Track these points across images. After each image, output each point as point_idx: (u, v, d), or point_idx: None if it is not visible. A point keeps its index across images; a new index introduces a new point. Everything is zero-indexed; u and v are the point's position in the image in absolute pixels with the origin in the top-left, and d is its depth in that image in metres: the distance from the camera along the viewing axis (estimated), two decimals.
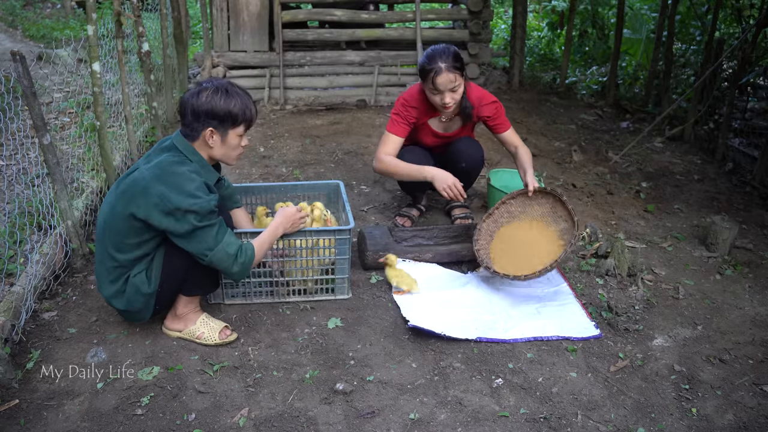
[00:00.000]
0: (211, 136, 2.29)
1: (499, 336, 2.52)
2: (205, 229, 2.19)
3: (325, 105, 5.64)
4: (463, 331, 2.52)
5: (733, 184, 4.18)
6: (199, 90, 2.27)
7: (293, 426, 2.08)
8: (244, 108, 2.30)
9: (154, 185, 2.17)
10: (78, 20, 8.83)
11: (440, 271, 2.99)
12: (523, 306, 2.75)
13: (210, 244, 2.21)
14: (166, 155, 2.28)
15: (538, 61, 7.54)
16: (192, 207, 2.15)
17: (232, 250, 2.25)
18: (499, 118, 3.18)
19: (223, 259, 2.24)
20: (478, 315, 2.65)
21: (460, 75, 2.94)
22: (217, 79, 2.33)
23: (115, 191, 2.31)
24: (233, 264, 2.26)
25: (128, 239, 2.27)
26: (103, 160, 3.48)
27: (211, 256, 2.21)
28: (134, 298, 2.32)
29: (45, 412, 2.11)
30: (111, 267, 2.32)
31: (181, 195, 2.15)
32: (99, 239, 2.37)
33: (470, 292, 2.81)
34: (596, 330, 2.58)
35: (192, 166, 2.27)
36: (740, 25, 5.45)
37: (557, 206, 2.95)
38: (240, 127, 2.33)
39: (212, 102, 2.24)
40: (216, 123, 2.27)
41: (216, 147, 2.33)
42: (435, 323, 2.53)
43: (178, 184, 2.17)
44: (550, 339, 2.52)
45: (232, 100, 2.27)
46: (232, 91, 2.29)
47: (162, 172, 2.20)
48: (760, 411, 2.20)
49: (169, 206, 2.15)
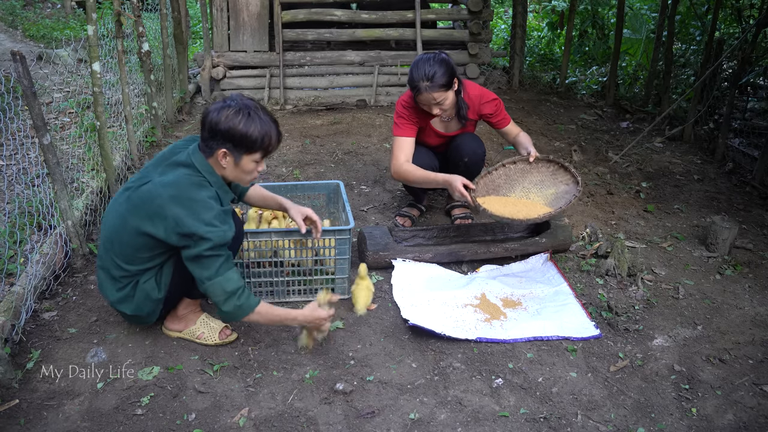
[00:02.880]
0: (224, 157, 2.17)
1: (499, 336, 2.52)
2: (210, 258, 2.12)
3: (325, 105, 5.64)
4: (463, 332, 2.52)
5: (733, 184, 4.18)
6: (222, 107, 2.14)
7: (293, 426, 2.08)
8: (263, 135, 2.16)
9: (171, 207, 2.09)
10: (78, 20, 8.83)
11: (440, 271, 2.99)
12: (523, 306, 2.75)
13: (210, 273, 2.13)
14: (184, 173, 2.17)
15: (538, 61, 7.54)
16: (207, 235, 2.08)
17: (229, 288, 2.14)
18: (500, 114, 3.20)
19: (217, 293, 2.14)
20: (478, 315, 2.66)
21: (445, 90, 2.91)
22: (245, 98, 2.19)
23: (126, 203, 2.21)
24: (226, 302, 2.15)
25: (141, 254, 2.22)
26: (103, 160, 3.48)
27: (207, 285, 2.14)
28: (143, 303, 2.30)
29: (45, 412, 2.11)
30: (119, 276, 2.27)
31: (198, 222, 2.08)
32: (106, 248, 2.28)
33: (470, 292, 2.81)
34: (596, 330, 2.58)
35: (210, 191, 2.16)
36: (740, 25, 5.45)
37: (558, 172, 3.00)
38: (256, 154, 2.19)
39: (231, 122, 2.12)
40: (230, 146, 2.15)
41: (228, 169, 2.21)
42: (435, 323, 2.53)
43: (196, 210, 2.09)
44: (550, 339, 2.52)
45: (252, 125, 2.13)
46: (255, 115, 2.14)
47: (179, 193, 2.11)
48: (760, 411, 2.20)
49: (185, 230, 2.08)
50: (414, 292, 2.78)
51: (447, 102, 2.97)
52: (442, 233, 3.19)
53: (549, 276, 2.96)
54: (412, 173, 3.08)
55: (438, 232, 3.19)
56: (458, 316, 2.63)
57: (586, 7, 7.07)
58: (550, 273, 2.98)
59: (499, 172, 3.04)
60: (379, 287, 2.87)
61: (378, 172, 4.17)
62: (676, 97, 5.33)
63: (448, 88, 2.94)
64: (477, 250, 3.04)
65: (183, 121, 5.11)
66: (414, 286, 2.82)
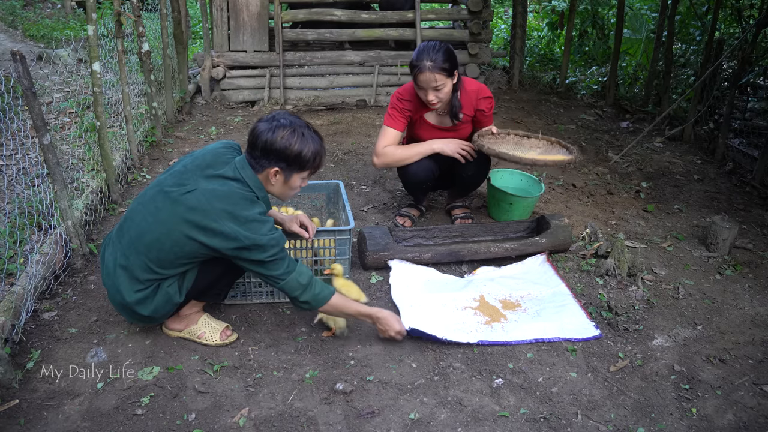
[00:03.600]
0: (275, 175, 2.23)
1: (501, 338, 2.51)
2: (277, 260, 2.18)
3: (325, 105, 5.64)
4: (465, 335, 2.51)
5: (733, 184, 4.19)
6: (276, 126, 2.19)
7: (293, 426, 2.08)
8: (315, 154, 2.24)
9: (228, 223, 2.10)
10: (78, 20, 8.83)
11: (437, 274, 2.98)
12: (523, 308, 2.74)
13: (281, 272, 2.19)
14: (235, 186, 2.17)
15: (538, 61, 7.54)
16: (268, 243, 2.13)
17: (304, 280, 2.23)
18: (490, 112, 3.24)
19: (294, 287, 2.22)
20: (478, 317, 2.65)
21: (446, 76, 2.93)
22: (292, 117, 2.24)
23: (171, 208, 2.16)
24: (303, 293, 2.24)
25: (182, 260, 2.22)
26: (103, 160, 3.48)
27: (283, 283, 2.21)
28: (162, 306, 2.29)
29: (45, 412, 2.11)
30: (144, 278, 2.24)
31: (258, 235, 2.12)
32: (134, 248, 2.22)
33: (469, 294, 2.81)
34: (596, 330, 2.58)
35: (261, 207, 2.19)
36: (740, 25, 5.45)
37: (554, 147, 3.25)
38: (306, 172, 2.28)
39: (287, 143, 2.17)
40: (284, 165, 2.21)
41: (276, 186, 2.27)
42: (436, 327, 2.52)
43: (252, 227, 2.12)
44: (551, 341, 2.52)
45: (307, 145, 2.20)
46: (308, 135, 2.22)
47: (234, 209, 2.12)
48: (760, 411, 2.20)
49: (247, 243, 2.11)
50: (413, 293, 2.77)
51: (444, 90, 2.97)
52: (442, 233, 3.19)
53: (547, 277, 2.95)
54: (392, 152, 3.13)
55: (438, 232, 3.19)
56: (458, 319, 2.63)
57: (586, 7, 7.07)
58: (547, 274, 2.98)
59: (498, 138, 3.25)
60: (378, 287, 2.87)
61: (378, 172, 4.17)
62: (676, 97, 5.33)
63: (449, 76, 2.95)
64: (477, 250, 3.04)
65: (183, 121, 5.11)
66: (412, 287, 2.81)
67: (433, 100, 2.99)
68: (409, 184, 3.35)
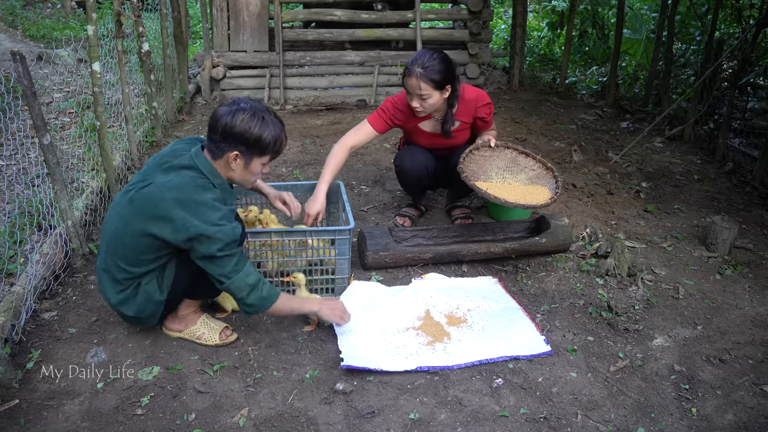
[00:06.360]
0: (234, 159, 2.21)
1: (441, 363, 2.35)
2: (225, 257, 2.14)
3: (325, 105, 5.64)
4: (403, 360, 2.36)
5: (733, 184, 4.18)
6: (236, 110, 2.17)
7: (293, 426, 2.08)
8: (275, 138, 2.22)
9: (176, 210, 2.09)
10: (78, 20, 8.84)
11: (383, 288, 2.82)
12: (468, 324, 2.60)
13: (228, 271, 2.16)
14: (188, 175, 2.17)
15: (538, 61, 7.55)
16: (216, 235, 2.10)
17: (251, 281, 2.19)
18: (489, 118, 3.21)
19: (240, 288, 2.19)
20: (420, 338, 2.49)
21: (433, 88, 2.87)
22: (253, 102, 2.23)
23: (129, 205, 2.19)
24: (249, 295, 2.20)
25: (144, 255, 2.22)
26: (103, 160, 3.48)
27: (228, 283, 2.18)
28: (145, 305, 2.30)
29: (45, 412, 2.11)
30: (121, 278, 2.26)
31: (206, 224, 2.09)
32: (108, 250, 2.27)
33: (414, 310, 2.65)
34: (547, 346, 2.45)
35: (215, 193, 2.18)
36: (740, 25, 5.45)
37: (518, 158, 3.24)
38: (266, 157, 2.26)
39: (246, 126, 2.15)
40: (244, 148, 2.19)
41: (237, 171, 2.25)
42: (370, 356, 2.36)
43: (202, 213, 2.10)
44: (495, 361, 2.38)
45: (267, 129, 2.19)
46: (269, 119, 2.20)
47: (184, 196, 2.11)
48: (760, 411, 2.20)
49: (193, 233, 2.09)
50: (354, 316, 2.54)
51: (429, 101, 2.92)
52: (442, 233, 3.19)
53: (497, 295, 2.82)
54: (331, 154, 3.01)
55: (438, 232, 3.19)
56: (398, 342, 2.47)
57: (586, 7, 7.07)
58: (498, 293, 2.84)
59: (468, 158, 3.12)
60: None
61: (378, 172, 4.17)
62: (676, 97, 5.33)
63: (438, 88, 2.89)
64: (477, 250, 3.04)
65: (183, 121, 5.11)
66: (354, 309, 2.59)
67: (416, 107, 2.96)
68: (404, 182, 3.35)
